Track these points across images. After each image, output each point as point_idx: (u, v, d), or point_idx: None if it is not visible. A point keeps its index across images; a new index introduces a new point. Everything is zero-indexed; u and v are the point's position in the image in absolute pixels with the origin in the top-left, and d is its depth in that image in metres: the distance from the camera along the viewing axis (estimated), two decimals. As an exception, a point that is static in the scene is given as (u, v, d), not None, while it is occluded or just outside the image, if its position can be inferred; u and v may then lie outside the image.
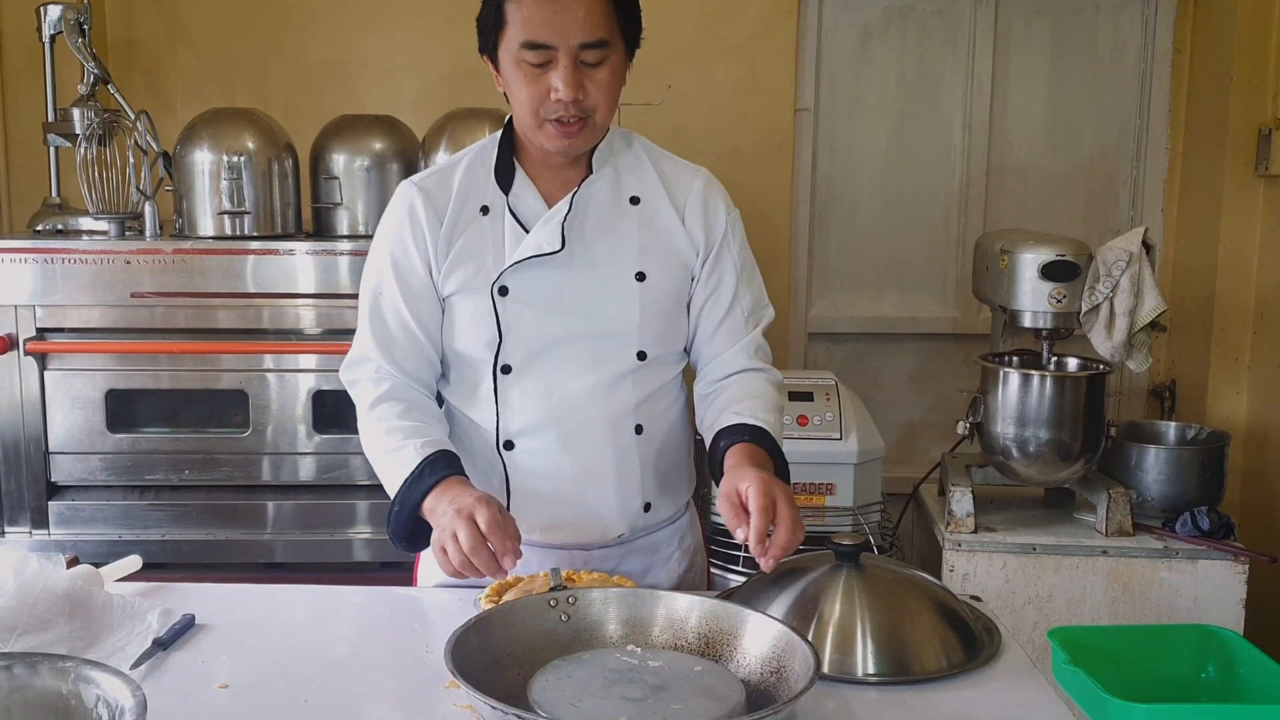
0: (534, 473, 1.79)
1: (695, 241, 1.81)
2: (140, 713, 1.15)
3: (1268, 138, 3.35)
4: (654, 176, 1.82)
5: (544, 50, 1.65)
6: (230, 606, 1.72)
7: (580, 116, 1.68)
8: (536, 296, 1.75)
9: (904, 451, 3.88)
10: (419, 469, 1.66)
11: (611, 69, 1.69)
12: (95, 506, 2.94)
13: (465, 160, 1.83)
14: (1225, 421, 3.45)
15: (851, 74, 3.85)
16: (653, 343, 1.79)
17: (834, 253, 3.93)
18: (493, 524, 1.51)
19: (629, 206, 1.80)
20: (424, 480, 1.65)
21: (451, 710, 1.39)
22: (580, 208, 1.77)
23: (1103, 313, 2.86)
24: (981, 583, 2.82)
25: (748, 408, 1.77)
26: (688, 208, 1.82)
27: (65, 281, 2.83)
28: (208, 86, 3.60)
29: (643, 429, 1.80)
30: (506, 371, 1.77)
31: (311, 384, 2.92)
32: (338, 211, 3.01)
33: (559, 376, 1.76)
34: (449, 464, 1.68)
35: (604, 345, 1.77)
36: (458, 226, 1.78)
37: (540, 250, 1.73)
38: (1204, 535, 2.81)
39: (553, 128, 1.69)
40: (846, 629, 1.52)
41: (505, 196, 1.78)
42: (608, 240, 1.78)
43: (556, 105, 1.67)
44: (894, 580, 1.62)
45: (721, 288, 1.84)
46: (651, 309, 1.78)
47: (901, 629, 1.54)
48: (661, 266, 1.79)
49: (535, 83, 1.67)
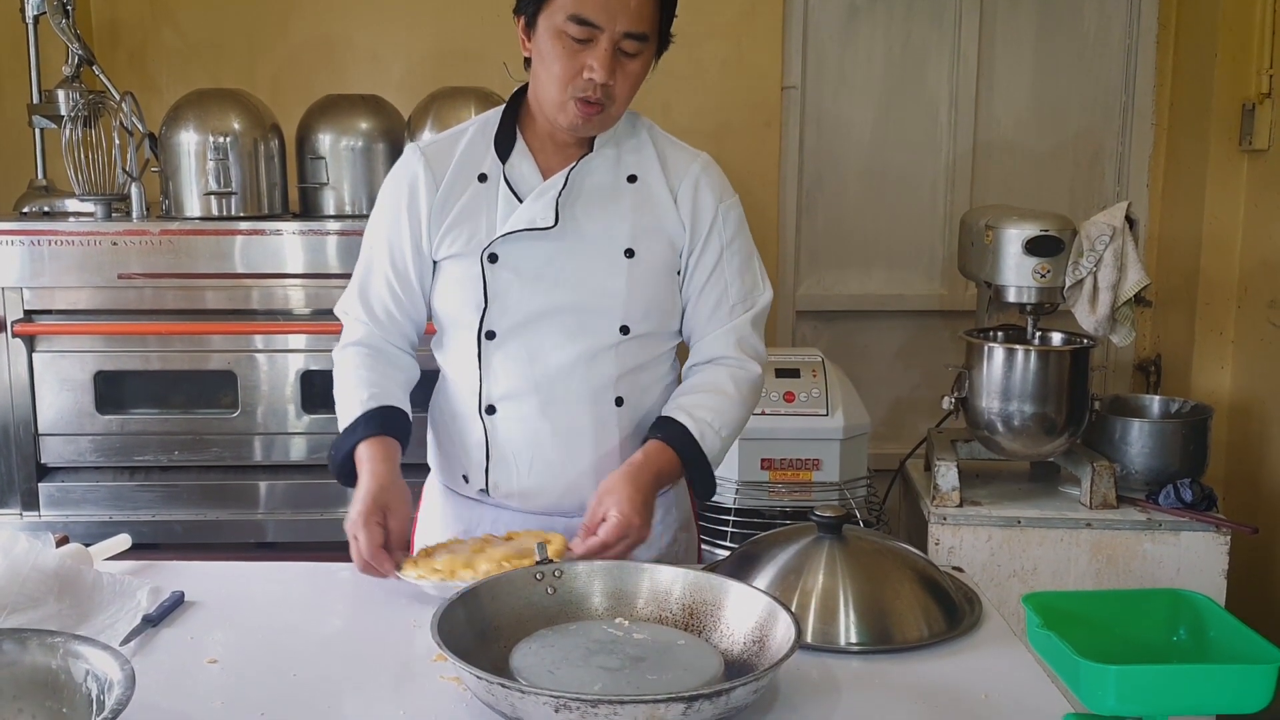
0: (514, 438, 1.82)
1: (685, 222, 1.83)
2: (128, 685, 1.16)
3: (1251, 112, 3.36)
4: (654, 157, 1.84)
5: (590, 28, 1.66)
6: (219, 584, 1.73)
7: (602, 102, 1.70)
8: (524, 266, 1.78)
9: (891, 427, 3.90)
10: (355, 422, 1.78)
11: (642, 63, 1.73)
12: (85, 488, 2.95)
13: (472, 128, 1.86)
14: (1209, 395, 3.47)
15: (838, 51, 3.86)
16: (638, 318, 1.81)
17: (821, 230, 3.94)
18: (370, 551, 1.64)
19: (625, 184, 1.82)
20: (355, 433, 1.77)
21: (439, 683, 1.41)
22: (575, 183, 1.79)
23: (1086, 287, 2.88)
24: (967, 556, 2.84)
25: (688, 402, 1.81)
26: (680, 189, 1.83)
27: (52, 263, 2.83)
28: (193, 67, 3.59)
29: (623, 401, 1.82)
30: (491, 337, 1.80)
31: (300, 364, 2.93)
32: (324, 191, 3.01)
33: (542, 346, 1.79)
34: (381, 422, 1.78)
35: (588, 318, 1.79)
36: (454, 192, 1.81)
37: (534, 224, 1.76)
38: (1187, 507, 2.84)
39: (575, 105, 1.71)
40: (829, 599, 1.54)
41: (502, 165, 1.80)
42: (600, 217, 1.79)
43: (587, 84, 1.69)
44: (876, 551, 1.64)
45: (708, 273, 1.85)
46: (638, 285, 1.80)
47: (883, 599, 1.56)
48: (651, 245, 1.81)
49: (571, 58, 1.69)
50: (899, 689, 1.41)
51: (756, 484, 2.95)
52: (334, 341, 1.92)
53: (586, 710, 1.19)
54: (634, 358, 1.83)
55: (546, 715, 1.21)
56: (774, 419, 2.95)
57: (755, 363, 1.88)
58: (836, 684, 1.42)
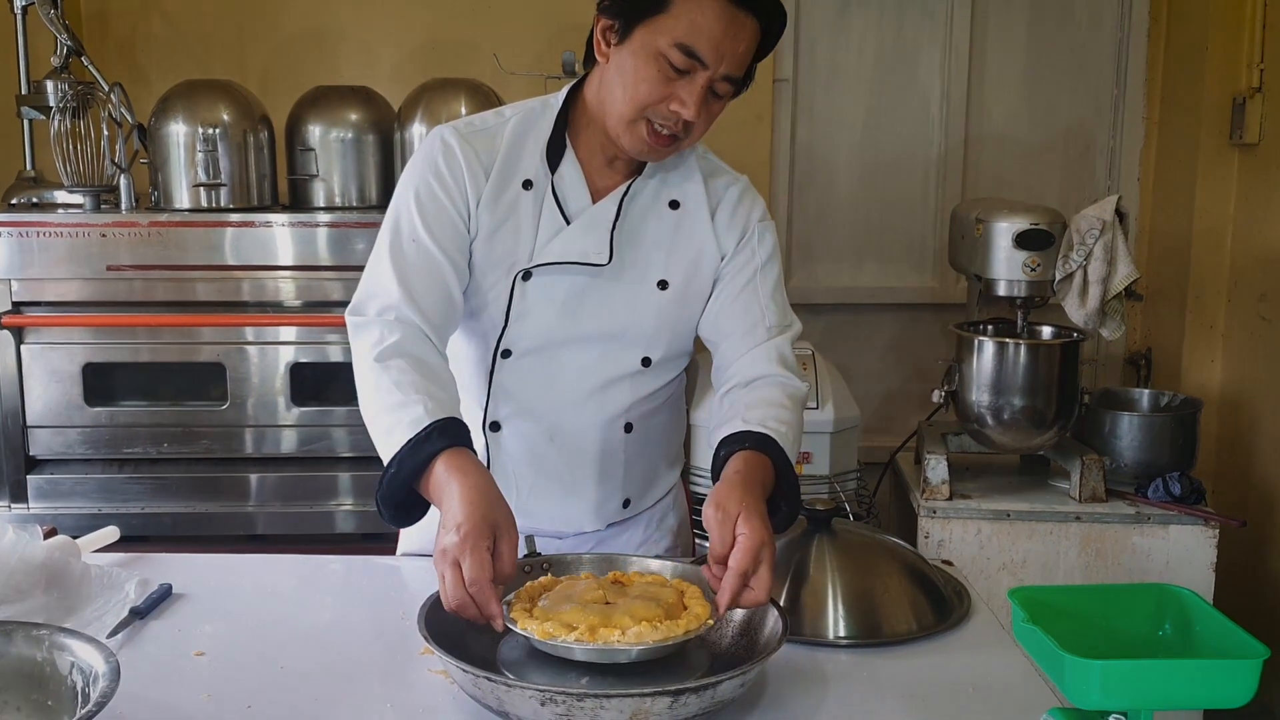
0: (516, 458, 1.75)
1: (723, 246, 1.74)
2: (113, 678, 1.16)
3: (1242, 107, 3.37)
4: (699, 182, 1.75)
5: (694, 61, 1.54)
6: (207, 576, 1.73)
7: (679, 135, 1.61)
8: (557, 294, 1.68)
9: (882, 420, 3.90)
10: (426, 431, 1.45)
11: (723, 106, 1.63)
12: (74, 480, 2.94)
13: (512, 122, 1.71)
14: (1199, 389, 3.48)
15: (830, 44, 3.85)
16: (660, 350, 1.74)
17: (812, 223, 3.93)
18: (478, 584, 1.31)
19: (667, 211, 1.73)
20: (430, 444, 1.44)
21: (427, 676, 1.41)
22: (623, 211, 1.69)
23: (1076, 281, 2.88)
24: (956, 549, 2.85)
25: (758, 415, 1.61)
26: (719, 210, 1.75)
27: (41, 255, 2.82)
28: (182, 58, 3.58)
29: (632, 427, 1.76)
30: (506, 356, 1.71)
31: (290, 356, 2.92)
32: (314, 183, 3.00)
33: (560, 371, 1.71)
34: (456, 434, 1.48)
35: (611, 349, 1.72)
36: (500, 190, 1.67)
37: (586, 259, 1.65)
38: (1176, 501, 2.85)
39: (647, 130, 1.59)
40: (818, 592, 1.55)
41: (551, 175, 1.69)
42: (639, 246, 1.70)
43: (671, 116, 1.57)
44: (865, 545, 1.65)
45: (741, 287, 1.75)
46: (666, 318, 1.73)
47: (872, 592, 1.56)
48: (685, 274, 1.73)
49: (663, 84, 1.56)
50: (886, 682, 1.41)
51: (747, 477, 2.95)
52: (324, 334, 1.87)
53: (572, 704, 1.19)
54: (647, 387, 1.76)
55: (533, 709, 1.21)
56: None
57: (799, 380, 1.73)
58: (824, 677, 1.42)
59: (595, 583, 1.44)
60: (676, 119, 1.57)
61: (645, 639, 1.28)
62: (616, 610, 1.34)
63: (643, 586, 1.44)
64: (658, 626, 1.30)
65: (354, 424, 2.88)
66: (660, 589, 1.42)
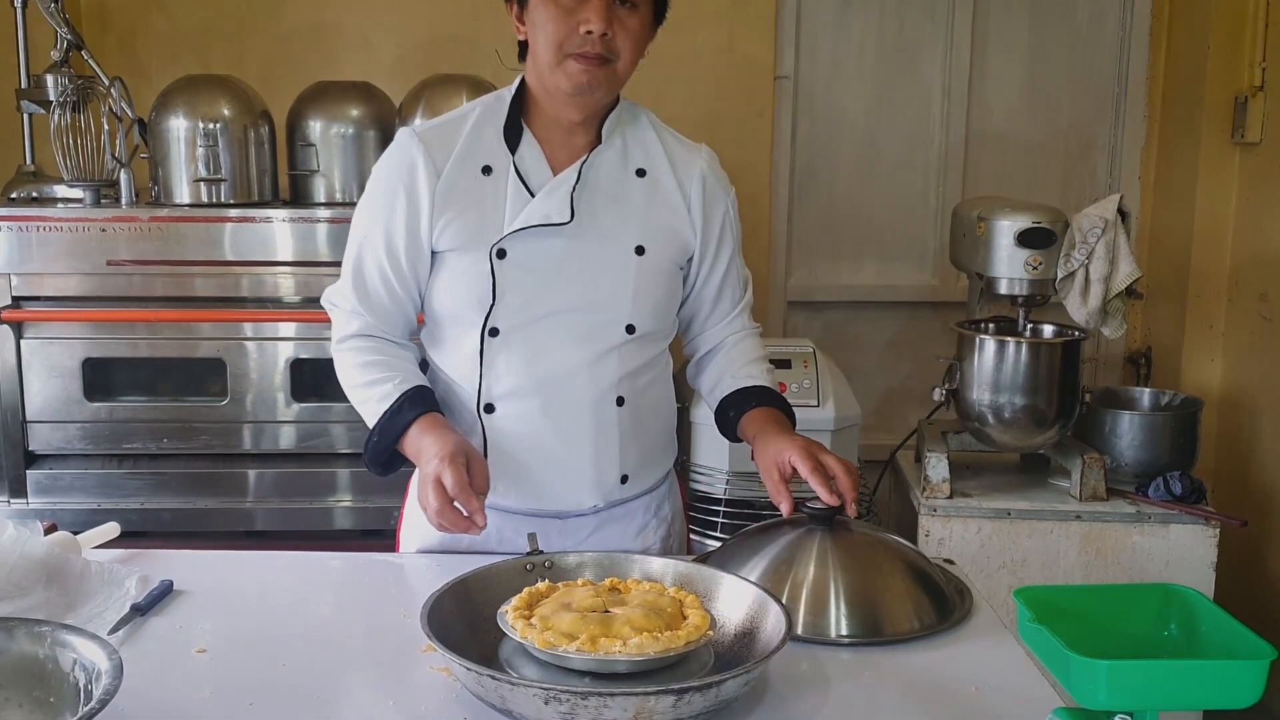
0: (513, 438, 1.78)
1: (695, 222, 1.82)
2: (116, 675, 1.16)
3: (1244, 105, 3.37)
4: (660, 151, 1.82)
5: None
6: (209, 573, 1.73)
7: (604, 56, 1.66)
8: (535, 263, 1.73)
9: (882, 418, 3.90)
10: (398, 403, 1.72)
11: (641, 20, 1.69)
12: (73, 475, 2.94)
13: (473, 116, 1.79)
14: (1199, 388, 3.48)
15: (831, 41, 3.85)
16: (643, 318, 1.78)
17: (813, 221, 3.93)
18: (458, 487, 1.55)
19: (634, 179, 1.79)
20: (403, 415, 1.71)
21: (429, 673, 1.40)
22: (587, 178, 1.75)
23: (1078, 279, 2.88)
24: (957, 547, 2.85)
25: (749, 372, 1.87)
26: (692, 188, 1.82)
27: (41, 249, 2.82)
28: (182, 53, 3.57)
29: (624, 401, 1.79)
30: (494, 334, 1.75)
31: (290, 352, 2.92)
32: (315, 179, 2.99)
33: (547, 345, 1.75)
34: (425, 401, 1.73)
35: (596, 318, 1.76)
36: (457, 182, 1.75)
37: (549, 220, 1.72)
38: (1176, 500, 2.85)
39: (575, 62, 1.66)
40: (820, 591, 1.54)
41: (511, 156, 1.76)
42: (612, 212, 1.77)
43: (585, 38, 1.64)
44: (867, 543, 1.64)
45: (724, 268, 1.88)
46: (646, 284, 1.78)
47: (874, 591, 1.56)
48: (661, 241, 1.79)
49: (565, 18, 1.65)
50: (889, 682, 1.41)
51: (748, 475, 2.95)
52: (324, 330, 1.91)
53: (576, 702, 1.19)
54: (635, 358, 1.80)
55: (536, 707, 1.21)
56: (765, 410, 2.94)
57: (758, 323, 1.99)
58: (826, 676, 1.42)
59: (593, 590, 1.44)
60: (592, 38, 1.64)
61: (646, 650, 1.28)
62: (616, 620, 1.33)
63: (641, 595, 1.43)
64: (658, 637, 1.30)
65: (353, 420, 2.85)
66: (659, 598, 1.42)
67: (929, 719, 1.33)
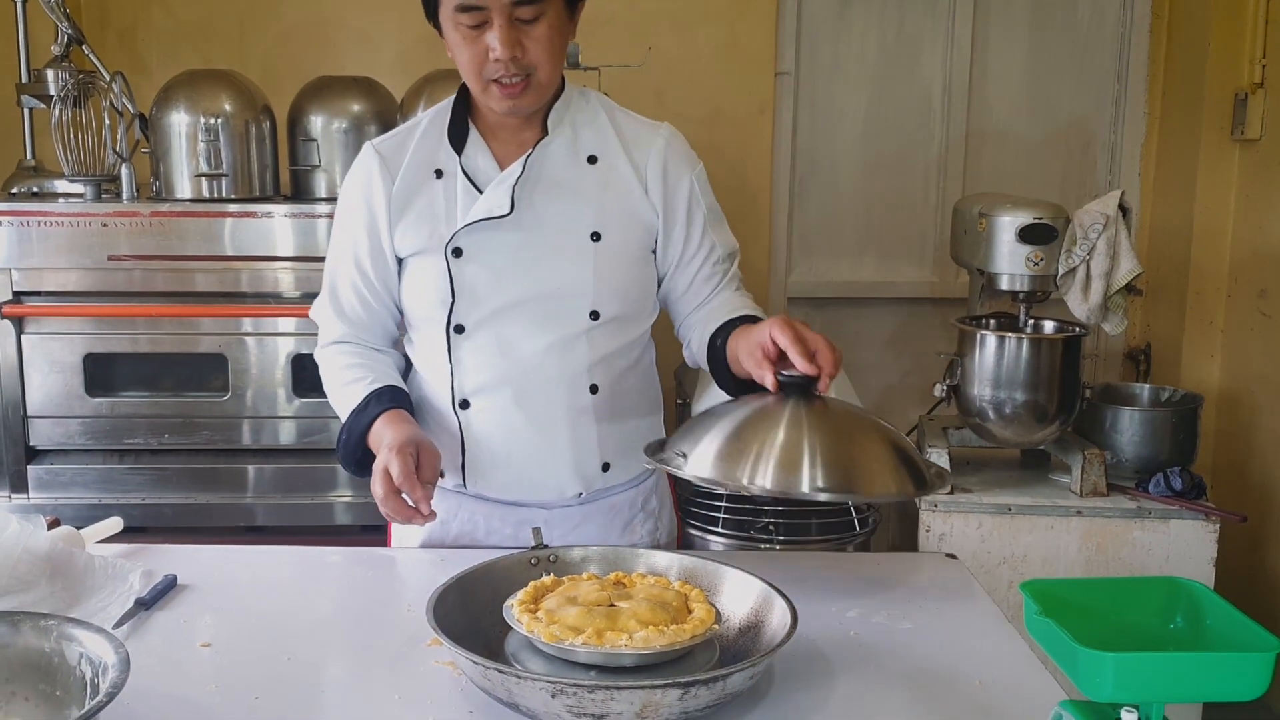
0: (489, 431, 1.80)
1: (656, 204, 1.80)
2: (123, 669, 1.16)
3: (1244, 102, 3.37)
4: (612, 135, 1.81)
5: (477, 12, 1.64)
6: (212, 567, 1.73)
7: (522, 76, 1.67)
8: (489, 258, 1.75)
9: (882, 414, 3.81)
10: (364, 401, 1.76)
11: (550, 24, 1.67)
12: (75, 471, 2.94)
13: (424, 122, 1.83)
14: (1198, 384, 3.48)
15: (832, 37, 3.85)
16: (608, 302, 1.78)
17: (814, 217, 3.93)
18: (403, 476, 1.58)
19: (586, 166, 1.79)
20: (368, 412, 1.74)
21: (434, 667, 1.41)
22: (534, 170, 1.75)
23: (1079, 275, 2.88)
24: (957, 543, 2.85)
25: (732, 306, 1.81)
26: (649, 169, 1.80)
27: (41, 244, 2.82)
28: (183, 48, 3.57)
29: (598, 389, 1.80)
30: (460, 331, 1.78)
31: (291, 347, 2.92)
32: (316, 174, 2.99)
33: (512, 337, 1.77)
34: (392, 398, 1.76)
35: (556, 306, 1.76)
36: (410, 188, 1.78)
37: (490, 213, 1.73)
38: (1176, 495, 2.85)
39: (496, 89, 1.69)
40: (792, 450, 1.46)
41: (459, 158, 1.78)
42: (561, 202, 1.76)
43: (495, 66, 1.66)
44: (845, 413, 1.58)
45: (697, 245, 1.84)
46: (606, 269, 1.77)
47: (851, 452, 1.48)
48: (619, 226, 1.78)
49: (473, 44, 1.66)
50: (893, 675, 1.42)
51: (748, 470, 2.95)
52: (325, 325, 1.91)
53: (583, 695, 1.19)
54: (607, 344, 1.80)
55: (543, 701, 1.21)
56: (766, 405, 2.94)
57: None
58: (831, 670, 1.42)
59: (598, 584, 1.44)
60: (502, 65, 1.65)
61: (652, 644, 1.28)
62: (622, 614, 1.34)
63: (646, 589, 1.43)
64: (664, 631, 1.30)
65: (355, 415, 2.87)
66: (664, 592, 1.42)
67: (934, 713, 1.33)
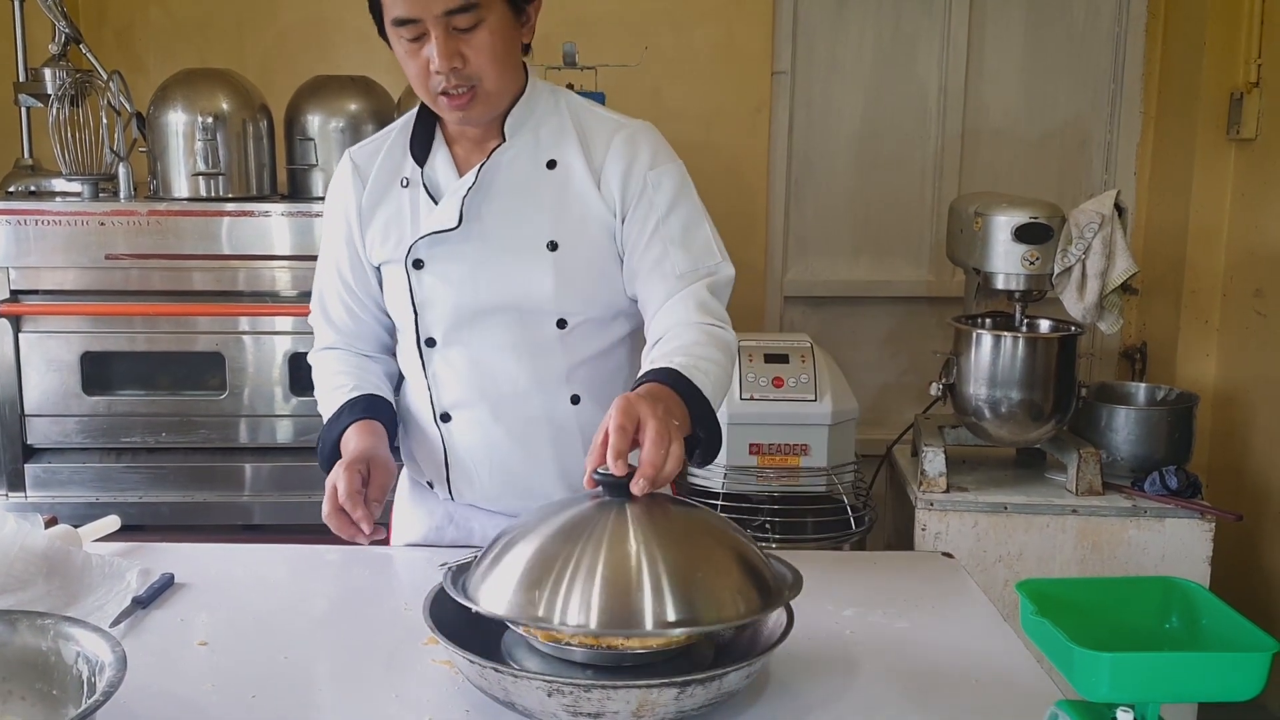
0: (470, 445, 1.78)
1: (611, 203, 1.71)
2: (120, 668, 1.16)
3: (1239, 102, 3.37)
4: (573, 135, 1.73)
5: (412, 25, 1.59)
6: (209, 566, 1.73)
7: (467, 86, 1.62)
8: (447, 270, 1.72)
9: (878, 413, 3.91)
10: (339, 410, 1.77)
11: (491, 30, 1.60)
12: (72, 469, 2.94)
13: (395, 130, 1.80)
14: (1194, 383, 3.49)
15: (828, 37, 3.85)
16: (574, 310, 1.72)
17: (810, 216, 3.94)
18: (347, 493, 1.60)
19: (544, 172, 1.72)
20: (340, 421, 1.76)
21: (431, 666, 1.41)
22: (487, 179, 1.70)
23: (1075, 275, 2.89)
24: (953, 541, 2.86)
25: (663, 353, 1.57)
26: (605, 167, 1.71)
27: (39, 243, 2.82)
28: (181, 47, 3.57)
29: (580, 399, 1.76)
30: (431, 344, 1.76)
31: (288, 346, 2.92)
32: (313, 173, 2.99)
33: (482, 349, 1.74)
34: (366, 407, 1.77)
35: (521, 316, 1.72)
36: (378, 196, 1.77)
37: (440, 226, 1.69)
38: (1172, 494, 2.86)
39: (444, 100, 1.64)
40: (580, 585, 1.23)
41: (420, 169, 1.74)
42: (516, 211, 1.71)
43: (438, 78, 1.61)
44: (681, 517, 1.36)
45: (645, 241, 1.70)
46: (567, 277, 1.70)
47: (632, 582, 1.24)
48: (576, 233, 1.71)
49: (416, 57, 1.62)
50: (889, 674, 1.42)
51: (744, 469, 2.96)
52: (323, 324, 1.91)
53: (580, 694, 1.19)
54: (581, 350, 1.75)
55: (540, 699, 1.21)
56: (762, 404, 2.96)
57: (723, 326, 1.65)
58: (828, 669, 1.42)
59: None
60: (443, 77, 1.61)
61: (649, 643, 1.28)
62: None
63: None
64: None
65: (352, 414, 2.88)
66: None
67: (929, 712, 1.33)
